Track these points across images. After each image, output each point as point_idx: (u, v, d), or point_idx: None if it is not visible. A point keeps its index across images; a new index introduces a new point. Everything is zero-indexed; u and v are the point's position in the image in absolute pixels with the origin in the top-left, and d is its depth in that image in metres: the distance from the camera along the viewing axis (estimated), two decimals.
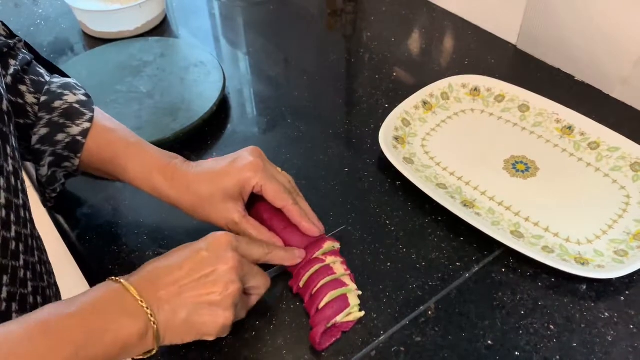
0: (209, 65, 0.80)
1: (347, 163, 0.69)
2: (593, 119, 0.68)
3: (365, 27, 0.93)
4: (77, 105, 0.57)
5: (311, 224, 0.56)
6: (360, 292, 0.54)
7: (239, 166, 0.55)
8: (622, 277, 0.54)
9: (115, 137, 0.58)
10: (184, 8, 1.01)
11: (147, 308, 0.43)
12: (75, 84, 0.60)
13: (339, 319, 0.51)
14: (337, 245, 0.56)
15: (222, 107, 0.77)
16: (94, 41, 0.91)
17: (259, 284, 0.51)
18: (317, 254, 0.54)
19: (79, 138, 0.57)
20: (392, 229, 0.61)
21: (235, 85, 0.83)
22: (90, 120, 0.57)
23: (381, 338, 0.51)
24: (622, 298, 0.54)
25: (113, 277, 0.45)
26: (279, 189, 0.55)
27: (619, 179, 0.64)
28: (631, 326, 0.52)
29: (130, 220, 0.63)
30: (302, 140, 0.72)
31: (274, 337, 0.52)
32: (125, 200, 0.66)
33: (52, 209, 0.65)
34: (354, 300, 0.52)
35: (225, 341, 0.51)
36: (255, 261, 0.51)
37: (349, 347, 0.51)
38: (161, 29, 0.94)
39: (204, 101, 0.74)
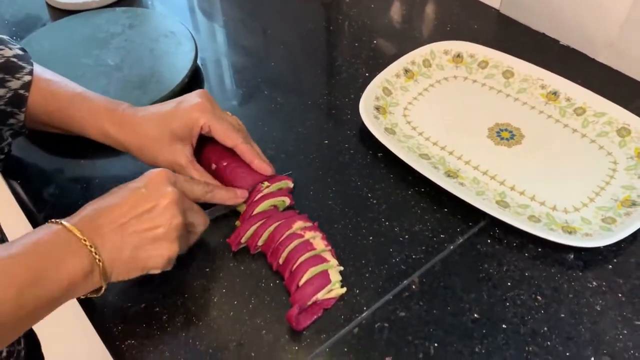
0: (179, 35, 0.76)
1: (327, 135, 0.66)
2: (579, 84, 0.66)
3: None
4: (14, 59, 0.57)
5: (263, 162, 0.56)
6: (341, 268, 0.52)
7: (186, 107, 0.55)
8: (610, 245, 0.53)
9: (59, 88, 0.58)
10: None
11: (91, 247, 0.43)
12: (8, 39, 0.59)
13: (320, 296, 0.49)
14: (309, 224, 0.54)
15: (194, 79, 0.74)
16: (58, 13, 0.86)
17: (198, 221, 0.51)
18: (291, 230, 0.52)
19: (22, 92, 0.56)
20: (374, 202, 0.59)
21: (210, 56, 0.79)
22: (30, 73, 0.57)
23: (364, 314, 0.49)
24: (610, 266, 0.53)
25: (53, 219, 0.44)
26: (228, 127, 0.55)
27: (605, 145, 0.62)
28: (619, 295, 0.50)
29: None
30: (280, 112, 0.70)
31: (253, 316, 0.50)
32: (95, 179, 0.63)
33: (14, 182, 0.62)
34: (335, 277, 0.50)
35: (201, 322, 0.49)
36: (195, 199, 0.51)
37: (331, 324, 0.49)
38: None
39: (175, 73, 0.70)
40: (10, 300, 0.39)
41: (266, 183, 0.55)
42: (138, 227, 0.45)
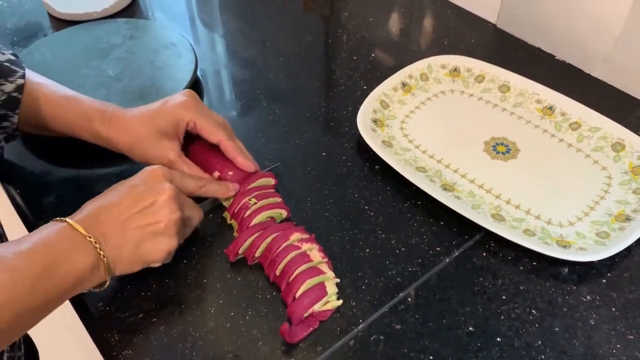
0: (179, 46, 0.77)
1: (325, 147, 0.67)
2: (574, 98, 0.67)
3: (343, 7, 0.91)
4: (7, 64, 0.58)
5: (246, 159, 0.58)
6: (338, 280, 0.52)
7: (172, 105, 0.57)
8: (604, 260, 0.53)
9: (50, 91, 0.60)
10: None
11: (96, 243, 0.46)
12: (1, 45, 0.61)
13: (317, 308, 0.49)
14: (306, 236, 0.54)
15: (194, 90, 0.74)
16: (59, 23, 0.87)
17: (194, 215, 0.53)
18: (288, 242, 0.53)
19: (15, 94, 0.58)
20: (371, 214, 0.59)
21: (210, 67, 0.80)
22: (23, 76, 0.59)
23: (360, 327, 0.50)
24: (604, 280, 0.53)
25: (57, 218, 0.47)
26: (213, 124, 0.58)
27: (600, 160, 0.63)
28: (613, 309, 0.51)
29: None
30: (278, 124, 0.70)
31: (250, 328, 0.50)
32: (94, 188, 0.63)
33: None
34: (331, 289, 0.51)
35: (198, 333, 0.50)
36: (189, 193, 0.54)
37: (327, 336, 0.49)
38: (130, 10, 0.90)
39: (175, 84, 0.71)
40: (24, 292, 0.41)
41: (254, 200, 0.56)
42: (139, 223, 0.48)
